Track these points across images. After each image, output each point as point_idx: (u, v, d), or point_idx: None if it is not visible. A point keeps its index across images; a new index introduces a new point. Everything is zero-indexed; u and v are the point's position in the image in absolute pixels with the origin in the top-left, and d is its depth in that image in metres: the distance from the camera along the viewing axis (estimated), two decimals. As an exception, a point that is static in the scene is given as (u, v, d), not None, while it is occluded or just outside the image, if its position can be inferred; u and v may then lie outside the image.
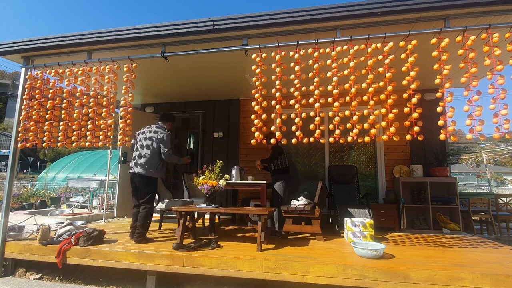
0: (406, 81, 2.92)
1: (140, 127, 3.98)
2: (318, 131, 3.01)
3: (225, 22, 3.29)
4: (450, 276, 2.49)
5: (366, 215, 4.47)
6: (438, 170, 5.10)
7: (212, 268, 2.91)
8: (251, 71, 4.27)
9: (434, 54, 2.87)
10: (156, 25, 3.47)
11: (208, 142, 6.58)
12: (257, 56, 3.26)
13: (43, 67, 3.87)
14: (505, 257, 3.07)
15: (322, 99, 3.07)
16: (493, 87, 2.69)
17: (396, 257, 3.03)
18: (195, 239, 3.81)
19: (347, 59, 3.07)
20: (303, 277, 2.73)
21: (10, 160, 3.80)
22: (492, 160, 32.19)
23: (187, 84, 5.67)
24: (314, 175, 6.08)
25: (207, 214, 4.17)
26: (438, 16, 3.02)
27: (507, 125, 2.62)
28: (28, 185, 14.10)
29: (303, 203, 4.06)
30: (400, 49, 3.07)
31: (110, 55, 3.68)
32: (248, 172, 5.81)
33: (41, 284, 3.28)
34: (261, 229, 3.29)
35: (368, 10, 2.98)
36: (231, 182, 4.44)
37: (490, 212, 5.64)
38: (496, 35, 2.74)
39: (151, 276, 3.05)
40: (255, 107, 3.17)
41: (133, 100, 3.66)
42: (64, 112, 3.71)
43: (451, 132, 2.76)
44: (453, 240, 4.08)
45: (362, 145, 5.95)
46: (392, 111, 2.89)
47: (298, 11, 3.15)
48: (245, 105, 6.44)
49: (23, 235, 3.74)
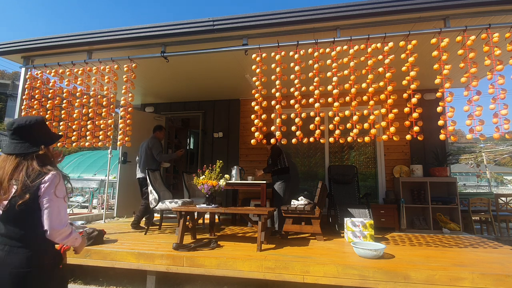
0: (406, 81, 2.93)
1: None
2: (318, 131, 3.01)
3: (225, 22, 3.29)
4: (450, 276, 2.49)
5: (366, 215, 4.47)
6: (438, 170, 5.10)
7: (212, 268, 2.91)
8: (251, 71, 4.27)
9: (434, 54, 2.87)
10: (156, 25, 3.47)
11: (208, 142, 6.58)
12: (257, 56, 3.26)
13: (43, 67, 3.87)
14: (505, 257, 3.07)
15: (322, 99, 3.08)
16: (493, 87, 2.69)
17: (396, 257, 3.03)
18: (195, 239, 3.81)
19: (347, 59, 3.07)
20: (303, 277, 2.73)
21: (10, 160, 3.79)
22: (492, 160, 32.18)
23: (187, 84, 5.67)
24: (314, 175, 6.08)
25: (207, 214, 4.17)
26: (438, 16, 3.02)
27: (507, 125, 2.62)
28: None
29: (303, 203, 4.06)
30: (400, 49, 3.07)
31: (110, 55, 3.68)
32: (248, 172, 5.81)
33: None
34: (261, 229, 3.29)
35: (368, 10, 2.98)
36: (231, 182, 4.44)
37: (490, 212, 5.64)
38: (496, 35, 2.74)
39: (151, 276, 3.05)
40: (255, 107, 3.17)
41: (133, 100, 3.66)
42: (64, 112, 3.71)
43: (451, 132, 2.76)
44: (453, 240, 4.08)
45: (362, 145, 5.95)
46: (392, 111, 2.89)
47: (298, 11, 3.15)
48: (245, 105, 6.44)
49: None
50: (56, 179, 1.33)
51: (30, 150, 1.36)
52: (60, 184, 1.36)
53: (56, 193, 1.32)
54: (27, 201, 1.26)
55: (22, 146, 1.36)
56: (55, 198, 1.31)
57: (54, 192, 1.31)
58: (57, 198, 1.32)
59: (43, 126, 1.46)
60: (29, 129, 1.39)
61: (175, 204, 4.10)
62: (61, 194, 1.35)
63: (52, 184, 1.31)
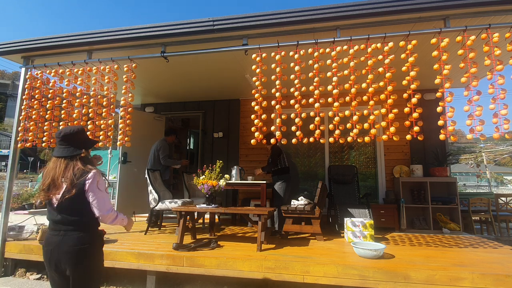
0: (406, 81, 2.92)
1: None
2: (318, 131, 3.01)
3: (225, 22, 3.29)
4: (450, 276, 2.49)
5: (366, 215, 4.47)
6: (438, 170, 5.10)
7: (212, 268, 2.91)
8: (251, 71, 4.27)
9: (434, 54, 2.87)
10: (156, 25, 3.47)
11: (208, 142, 6.58)
12: (257, 56, 3.26)
13: (43, 67, 3.86)
14: (505, 257, 3.07)
15: (322, 99, 3.07)
16: (493, 87, 2.69)
17: (396, 257, 3.03)
18: (195, 239, 3.81)
19: (347, 59, 3.07)
20: (303, 277, 2.73)
21: (10, 160, 3.80)
22: (492, 160, 32.19)
23: (187, 84, 5.66)
24: (314, 175, 6.07)
25: (207, 214, 4.17)
26: (438, 16, 3.02)
27: (507, 125, 2.62)
28: (28, 185, 14.10)
29: (303, 203, 4.06)
30: (400, 49, 3.07)
31: (110, 55, 3.68)
32: (248, 172, 5.81)
33: (41, 284, 3.28)
34: (261, 229, 3.29)
35: (368, 10, 2.98)
36: (231, 182, 4.44)
37: (490, 212, 5.64)
38: (496, 35, 2.73)
39: (151, 276, 3.06)
40: (255, 107, 3.17)
41: (133, 100, 3.66)
42: (64, 112, 3.71)
43: (451, 132, 2.76)
44: (453, 240, 4.08)
45: (362, 145, 5.95)
46: (392, 111, 2.89)
47: (298, 11, 3.15)
48: (245, 105, 6.44)
49: (23, 235, 3.74)
50: (97, 176, 1.73)
51: (75, 153, 1.75)
52: (101, 179, 1.75)
53: (99, 187, 1.71)
54: (74, 194, 1.64)
55: (68, 150, 1.75)
56: (98, 191, 1.70)
57: (97, 186, 1.70)
58: (100, 190, 1.71)
59: (83, 133, 1.89)
60: (73, 136, 1.79)
61: (175, 204, 4.10)
62: (103, 187, 1.74)
63: (95, 180, 1.70)
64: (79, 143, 1.79)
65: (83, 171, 1.69)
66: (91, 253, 1.70)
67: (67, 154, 1.73)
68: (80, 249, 1.65)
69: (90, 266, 1.70)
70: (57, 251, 1.63)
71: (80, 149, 1.77)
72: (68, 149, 1.75)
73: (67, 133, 1.77)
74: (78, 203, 1.67)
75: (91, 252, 1.70)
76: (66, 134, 1.77)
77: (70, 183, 1.64)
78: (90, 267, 1.70)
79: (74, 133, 1.80)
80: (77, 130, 1.83)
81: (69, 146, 1.75)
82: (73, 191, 1.63)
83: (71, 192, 1.63)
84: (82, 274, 1.67)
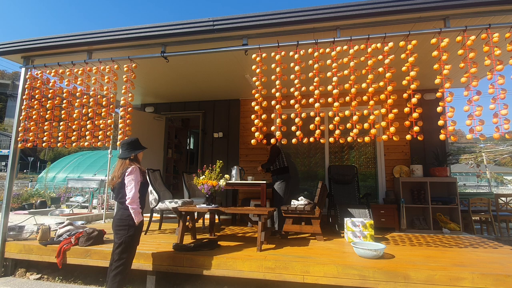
0: (406, 81, 2.92)
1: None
2: (318, 131, 3.01)
3: (225, 22, 3.29)
4: (450, 276, 2.49)
5: (366, 215, 4.47)
6: (438, 170, 5.10)
7: (212, 268, 2.91)
8: (251, 71, 4.27)
9: (434, 54, 2.87)
10: (156, 25, 3.47)
11: (208, 142, 6.58)
12: (257, 56, 3.26)
13: (43, 67, 3.86)
14: (505, 257, 3.07)
15: (322, 99, 3.07)
16: (493, 87, 2.69)
17: (396, 257, 3.03)
18: (195, 239, 3.81)
19: (347, 59, 3.07)
20: (303, 277, 2.73)
21: (10, 160, 3.80)
22: (492, 160, 32.18)
23: (187, 84, 5.66)
24: (314, 175, 6.08)
25: (207, 214, 4.17)
26: (438, 16, 3.02)
27: (507, 125, 2.62)
28: (28, 185, 14.10)
29: (303, 203, 4.06)
30: (400, 49, 3.07)
31: (110, 55, 3.68)
32: (248, 172, 5.81)
33: (41, 284, 3.28)
34: (261, 229, 3.29)
35: (368, 10, 2.98)
36: (231, 182, 4.44)
37: (490, 212, 5.64)
38: (496, 35, 2.73)
39: (151, 276, 3.05)
40: (255, 107, 3.17)
41: (133, 100, 3.66)
42: (64, 112, 3.71)
43: (451, 132, 2.76)
44: (453, 240, 4.08)
45: (362, 145, 5.95)
46: (392, 111, 2.89)
47: (298, 11, 3.15)
48: (245, 105, 6.44)
49: (23, 235, 3.74)
50: (133, 169, 2.56)
51: (128, 155, 2.64)
52: (136, 173, 2.56)
53: (132, 177, 2.54)
54: (120, 182, 2.55)
55: (125, 153, 2.67)
56: (131, 181, 2.53)
57: (131, 177, 2.53)
58: (132, 181, 2.53)
59: (136, 141, 2.76)
60: (129, 143, 2.71)
61: (175, 204, 4.10)
62: (135, 180, 2.55)
63: (131, 173, 2.54)
64: (132, 148, 2.68)
65: (127, 167, 2.56)
66: (129, 225, 2.52)
67: (124, 156, 2.64)
68: (120, 219, 2.54)
69: (125, 235, 2.51)
70: (114, 220, 2.61)
71: (129, 153, 2.65)
72: (125, 152, 2.67)
73: (126, 142, 2.71)
74: (120, 188, 2.55)
75: (129, 224, 2.53)
76: (125, 142, 2.71)
77: (119, 175, 2.55)
78: (126, 235, 2.51)
79: (131, 142, 2.71)
80: (132, 140, 2.72)
81: (126, 151, 2.67)
82: (119, 179, 2.54)
83: (118, 180, 2.54)
84: (117, 240, 2.52)
